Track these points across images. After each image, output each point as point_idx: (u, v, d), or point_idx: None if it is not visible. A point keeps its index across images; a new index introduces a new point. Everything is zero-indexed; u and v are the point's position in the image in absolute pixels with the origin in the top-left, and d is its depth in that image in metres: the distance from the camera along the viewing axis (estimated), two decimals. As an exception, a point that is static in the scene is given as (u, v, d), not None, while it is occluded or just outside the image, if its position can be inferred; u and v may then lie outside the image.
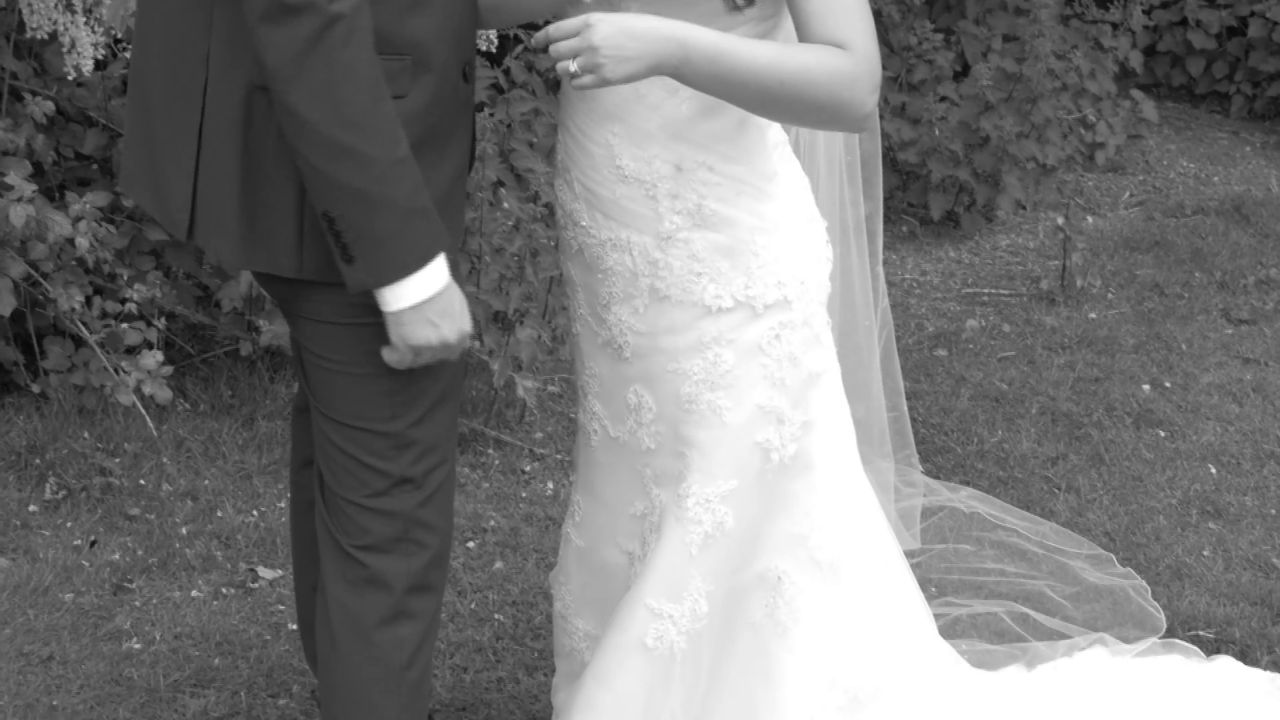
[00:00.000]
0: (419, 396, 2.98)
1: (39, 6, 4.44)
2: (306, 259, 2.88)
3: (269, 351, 5.49)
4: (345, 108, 2.71)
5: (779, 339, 3.13)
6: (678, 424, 3.19)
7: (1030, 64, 7.47)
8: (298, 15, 2.66)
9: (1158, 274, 6.83)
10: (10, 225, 4.78)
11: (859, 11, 2.92)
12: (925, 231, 7.34)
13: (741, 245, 3.09)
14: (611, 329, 3.21)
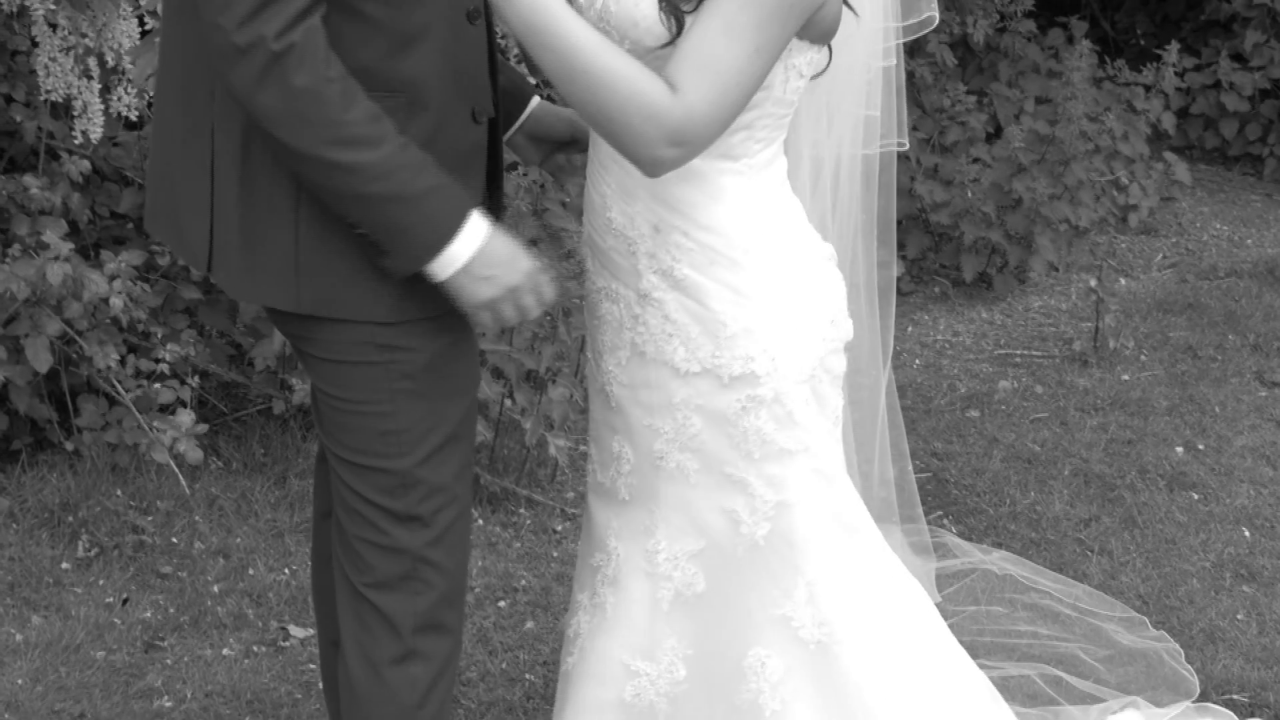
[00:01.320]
0: (426, 435, 3.00)
1: (55, 69, 4.47)
2: (303, 293, 2.91)
3: (302, 410, 5.50)
4: (320, 128, 2.75)
5: (745, 412, 3.08)
6: (650, 478, 3.18)
7: (1063, 126, 7.47)
8: (248, 54, 2.70)
9: (1191, 336, 6.81)
10: (47, 284, 4.81)
11: (716, 73, 2.84)
12: (957, 293, 7.33)
13: (710, 314, 3.06)
14: (603, 376, 3.23)
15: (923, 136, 7.67)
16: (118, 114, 4.76)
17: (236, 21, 2.68)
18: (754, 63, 2.87)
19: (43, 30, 4.39)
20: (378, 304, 2.92)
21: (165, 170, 3.03)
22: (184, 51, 2.93)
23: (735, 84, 2.86)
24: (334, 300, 2.90)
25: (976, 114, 7.78)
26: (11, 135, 5.62)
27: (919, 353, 6.74)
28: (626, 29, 2.94)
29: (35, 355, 4.92)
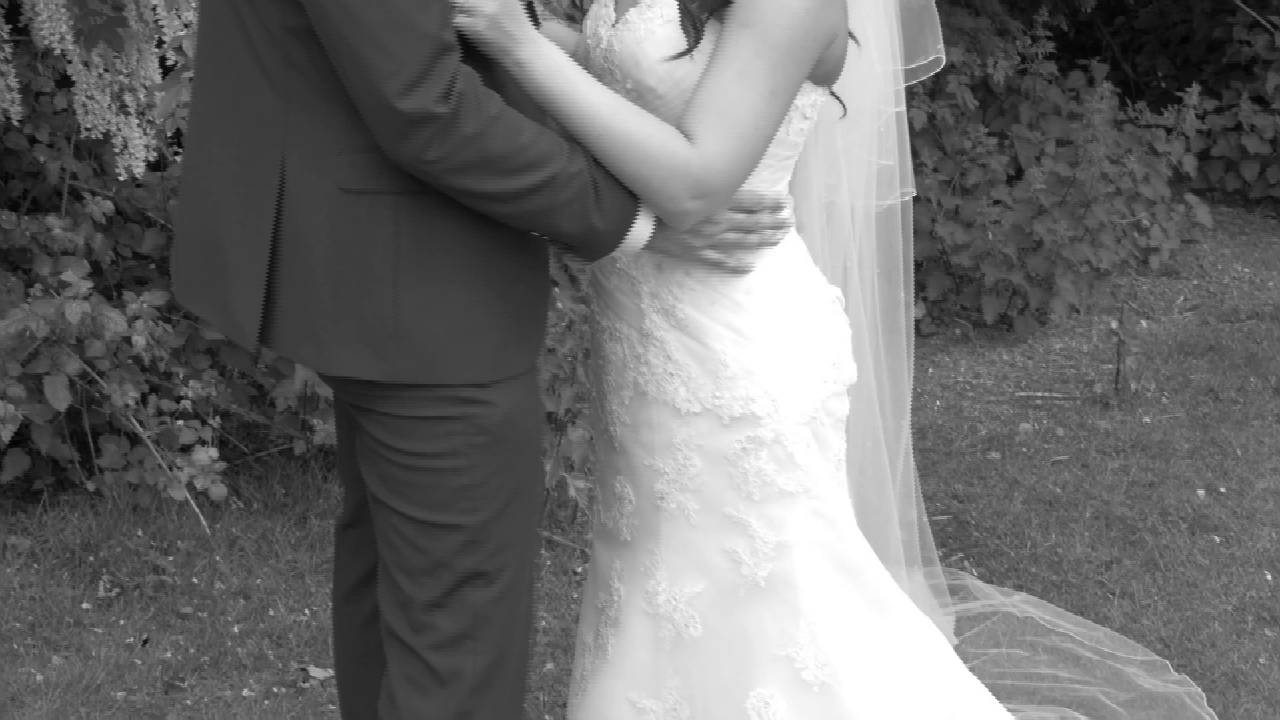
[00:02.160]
0: (499, 490, 2.95)
1: (93, 107, 4.49)
2: (399, 363, 2.85)
3: (322, 450, 5.50)
4: (499, 162, 2.75)
5: (746, 453, 3.07)
6: (650, 519, 3.18)
7: (1084, 168, 7.48)
8: (420, 123, 2.68)
9: (1212, 379, 6.80)
10: (66, 323, 4.82)
11: (733, 120, 2.86)
12: (978, 334, 7.33)
13: (711, 354, 3.05)
14: (606, 417, 3.23)
15: (944, 178, 7.68)
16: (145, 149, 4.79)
17: (401, 93, 2.65)
18: (770, 106, 2.88)
19: (77, 69, 4.41)
20: (475, 364, 2.89)
21: (204, 242, 2.95)
22: (241, 120, 2.86)
23: (753, 129, 2.87)
24: (431, 366, 2.86)
25: (997, 156, 7.79)
26: (35, 176, 5.64)
27: (940, 395, 6.73)
28: (629, 68, 2.96)
29: (54, 394, 4.93)
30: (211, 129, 2.93)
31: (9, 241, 5.34)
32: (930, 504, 5.55)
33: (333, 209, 2.80)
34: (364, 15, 2.63)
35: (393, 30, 2.64)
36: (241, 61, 2.81)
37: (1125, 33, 10.20)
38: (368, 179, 2.78)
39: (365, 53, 2.64)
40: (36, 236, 5.31)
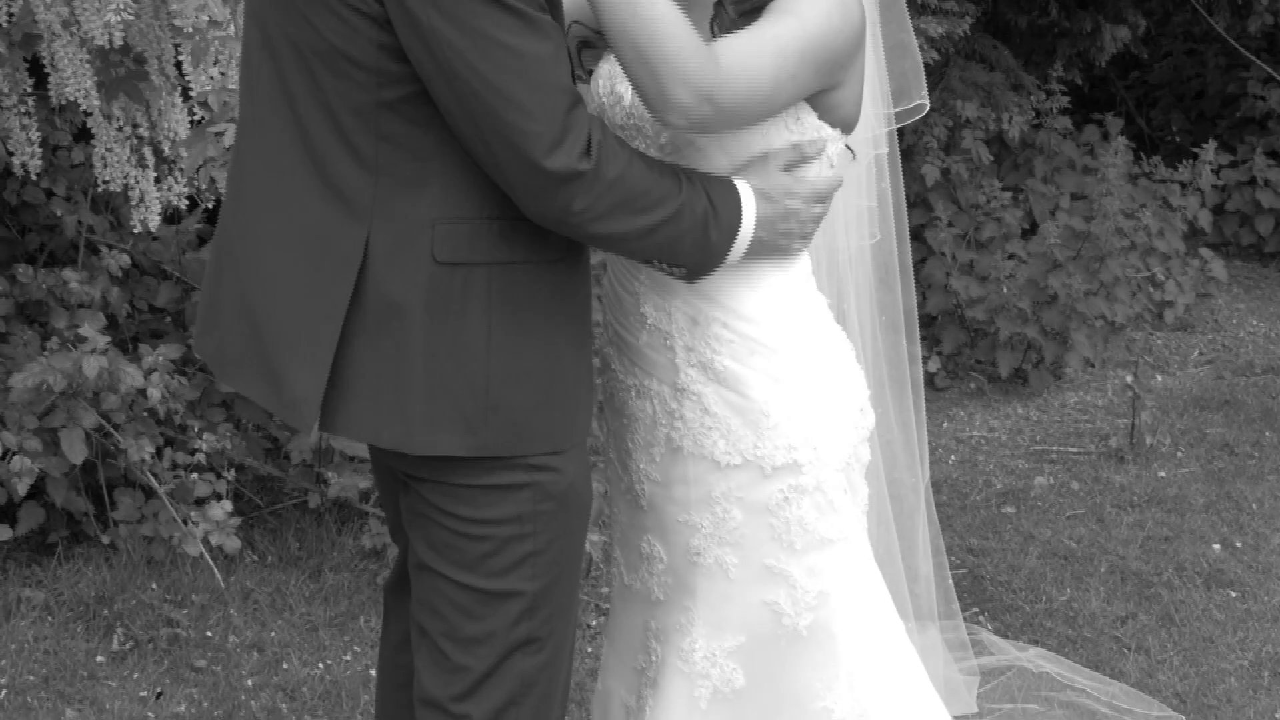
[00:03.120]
0: (559, 556, 2.94)
1: (112, 160, 4.51)
2: (488, 437, 2.82)
3: (337, 504, 5.51)
4: (637, 201, 2.78)
5: (788, 502, 3.07)
6: (685, 576, 3.16)
7: (1098, 222, 7.49)
8: (572, 181, 2.69)
9: (1228, 433, 6.79)
10: (83, 376, 4.84)
11: (757, 68, 2.83)
12: (993, 389, 7.33)
13: (752, 404, 3.05)
14: (631, 476, 3.21)
15: (958, 232, 7.69)
16: (168, 204, 4.80)
17: (547, 152, 2.65)
18: (788, 85, 2.89)
19: (98, 121, 4.44)
20: (556, 432, 2.88)
21: (257, 316, 2.88)
22: (313, 196, 2.80)
23: (767, 86, 2.86)
24: (518, 438, 2.84)
25: (1012, 210, 7.80)
26: (52, 230, 5.67)
27: (955, 449, 6.73)
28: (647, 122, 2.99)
29: (70, 447, 4.95)
30: (267, 203, 2.88)
31: (26, 295, 5.36)
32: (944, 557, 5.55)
33: (429, 283, 2.76)
34: (501, 78, 2.63)
35: (532, 91, 2.64)
36: (318, 135, 2.77)
37: (1140, 87, 10.22)
38: (462, 250, 2.76)
39: (510, 117, 2.64)
40: (53, 290, 5.34)
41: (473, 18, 2.60)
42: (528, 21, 2.62)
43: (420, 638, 3.00)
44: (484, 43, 2.61)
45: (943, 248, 7.53)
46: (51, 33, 4.15)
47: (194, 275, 5.65)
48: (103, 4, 3.95)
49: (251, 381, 2.92)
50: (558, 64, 2.67)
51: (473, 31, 2.60)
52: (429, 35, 2.62)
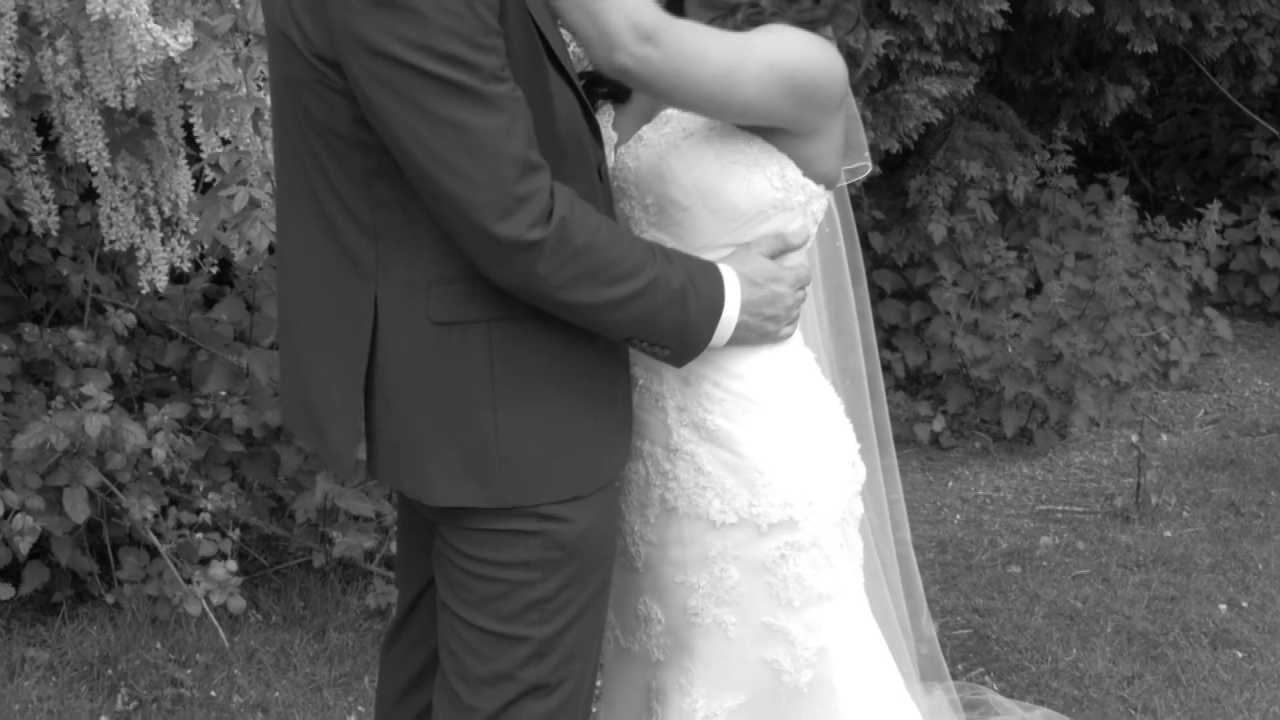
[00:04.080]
0: (569, 603, 2.94)
1: (117, 220, 4.52)
2: (501, 487, 2.85)
3: (342, 563, 5.50)
4: (603, 272, 2.78)
5: (785, 559, 3.06)
6: (684, 636, 3.15)
7: (1103, 282, 7.50)
8: (526, 250, 2.70)
9: (1233, 492, 6.78)
10: (87, 436, 4.84)
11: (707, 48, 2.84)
12: (998, 448, 7.32)
13: (746, 462, 3.05)
14: (625, 538, 3.20)
15: (963, 292, 7.70)
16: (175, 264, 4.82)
17: (496, 219, 2.67)
18: (744, 73, 2.88)
19: (104, 181, 4.45)
20: (570, 480, 2.89)
21: (304, 372, 2.97)
22: (330, 258, 2.87)
23: (724, 62, 2.86)
24: (533, 487, 2.86)
25: (1017, 269, 7.81)
26: (59, 289, 5.68)
27: (960, 508, 6.72)
28: (652, 183, 3.01)
29: (73, 506, 4.95)
30: (299, 265, 2.95)
31: (32, 354, 5.37)
32: (950, 618, 5.54)
33: (426, 342, 2.81)
34: (446, 150, 2.65)
35: (477, 163, 2.66)
36: (327, 202, 2.83)
37: (1144, 147, 10.25)
38: (458, 309, 2.80)
39: (457, 188, 2.67)
40: (59, 349, 5.34)
41: (415, 93, 2.64)
42: (474, 96, 2.64)
43: (440, 679, 3.03)
44: (427, 117, 2.64)
45: (947, 307, 7.54)
46: (63, 94, 4.17)
47: (200, 335, 5.66)
48: (117, 67, 3.97)
49: (306, 432, 3.01)
50: (509, 135, 2.67)
51: (415, 107, 2.64)
52: (379, 109, 2.66)
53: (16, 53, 4.11)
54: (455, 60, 2.63)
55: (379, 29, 2.62)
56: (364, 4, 2.63)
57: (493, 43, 2.68)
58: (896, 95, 7.27)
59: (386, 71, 2.63)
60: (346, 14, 2.64)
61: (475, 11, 2.65)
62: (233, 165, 3.97)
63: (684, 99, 2.94)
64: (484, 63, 2.65)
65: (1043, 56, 8.59)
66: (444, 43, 2.62)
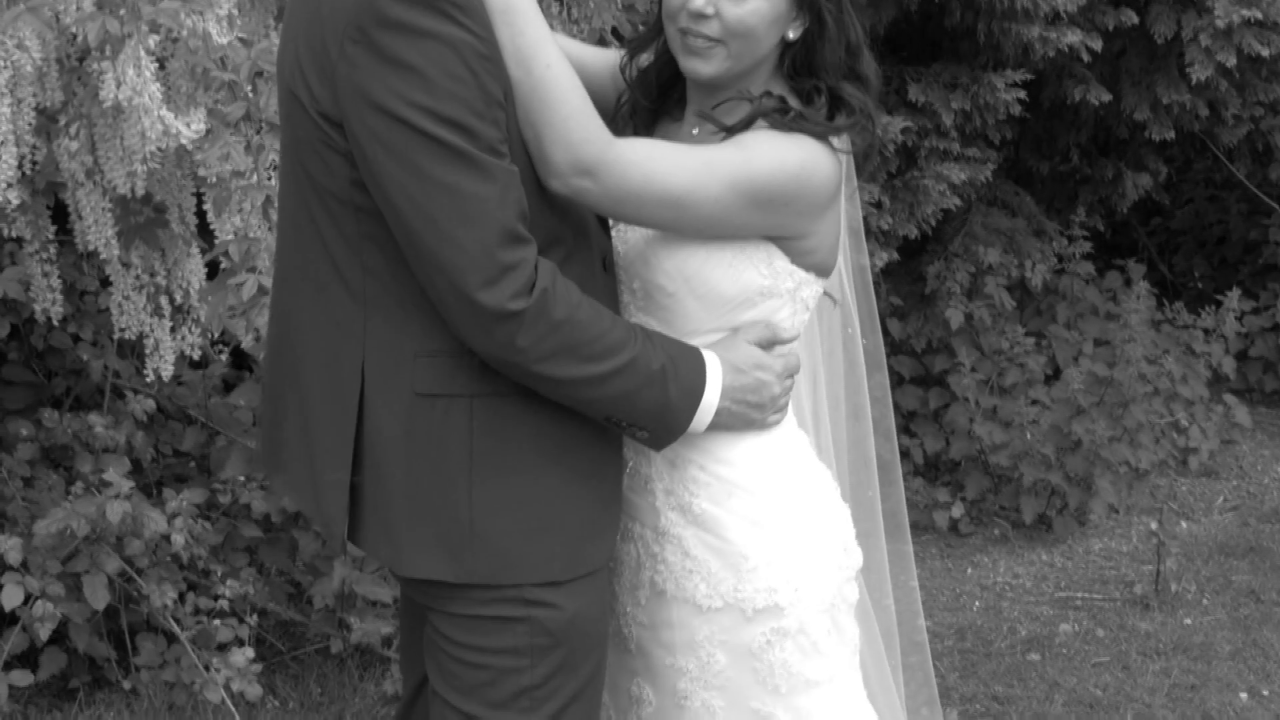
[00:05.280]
0: (559, 690, 2.93)
1: (129, 308, 4.54)
2: (472, 564, 2.85)
3: (359, 649, 5.49)
4: (583, 348, 2.79)
5: (770, 645, 3.05)
6: (673, 718, 3.14)
7: (1121, 368, 7.49)
8: (508, 319, 2.72)
9: (1253, 580, 6.76)
10: (107, 521, 4.84)
11: (667, 170, 2.86)
12: (1017, 535, 7.31)
13: (731, 547, 3.05)
14: (619, 619, 3.20)
15: (981, 378, 7.70)
16: (182, 353, 4.83)
17: (481, 286, 2.68)
18: (699, 198, 2.90)
19: (116, 269, 4.48)
20: (551, 562, 2.89)
21: (293, 441, 2.98)
22: (324, 325, 2.89)
23: (676, 191, 2.88)
24: (505, 566, 2.86)
25: (1035, 356, 7.81)
26: (78, 374, 5.70)
27: (979, 595, 6.70)
28: (638, 269, 3.03)
29: (93, 592, 4.95)
30: (294, 333, 2.96)
31: (51, 439, 5.38)
32: (969, 705, 5.51)
33: (408, 413, 2.83)
34: (437, 212, 2.68)
35: (466, 228, 2.68)
36: (321, 268, 2.86)
37: (1162, 233, 10.26)
38: (442, 382, 2.82)
39: (443, 251, 2.69)
40: (78, 434, 5.36)
41: (412, 153, 2.66)
42: (469, 161, 2.67)
43: None
44: (421, 178, 2.67)
45: (966, 393, 7.54)
46: (75, 181, 4.19)
47: (219, 420, 5.67)
48: (128, 154, 3.99)
49: (301, 496, 3.01)
50: (501, 205, 2.69)
51: (411, 166, 2.67)
52: (375, 168, 2.69)
53: (34, 140, 4.14)
54: (455, 124, 2.66)
55: (383, 86, 2.66)
56: (370, 60, 2.66)
57: (494, 115, 2.71)
58: (914, 181, 7.30)
59: (386, 129, 2.67)
60: (353, 70, 2.68)
61: (480, 82, 2.69)
62: (242, 253, 3.99)
63: (630, 222, 3.00)
64: (483, 132, 2.69)
65: (1060, 143, 8.62)
66: (446, 106, 2.66)
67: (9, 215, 4.41)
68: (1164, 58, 7.84)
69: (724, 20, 2.95)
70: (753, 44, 2.97)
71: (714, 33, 2.96)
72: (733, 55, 2.98)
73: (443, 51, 2.65)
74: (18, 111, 3.89)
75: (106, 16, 3.66)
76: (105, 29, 3.65)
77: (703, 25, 2.96)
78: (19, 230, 4.48)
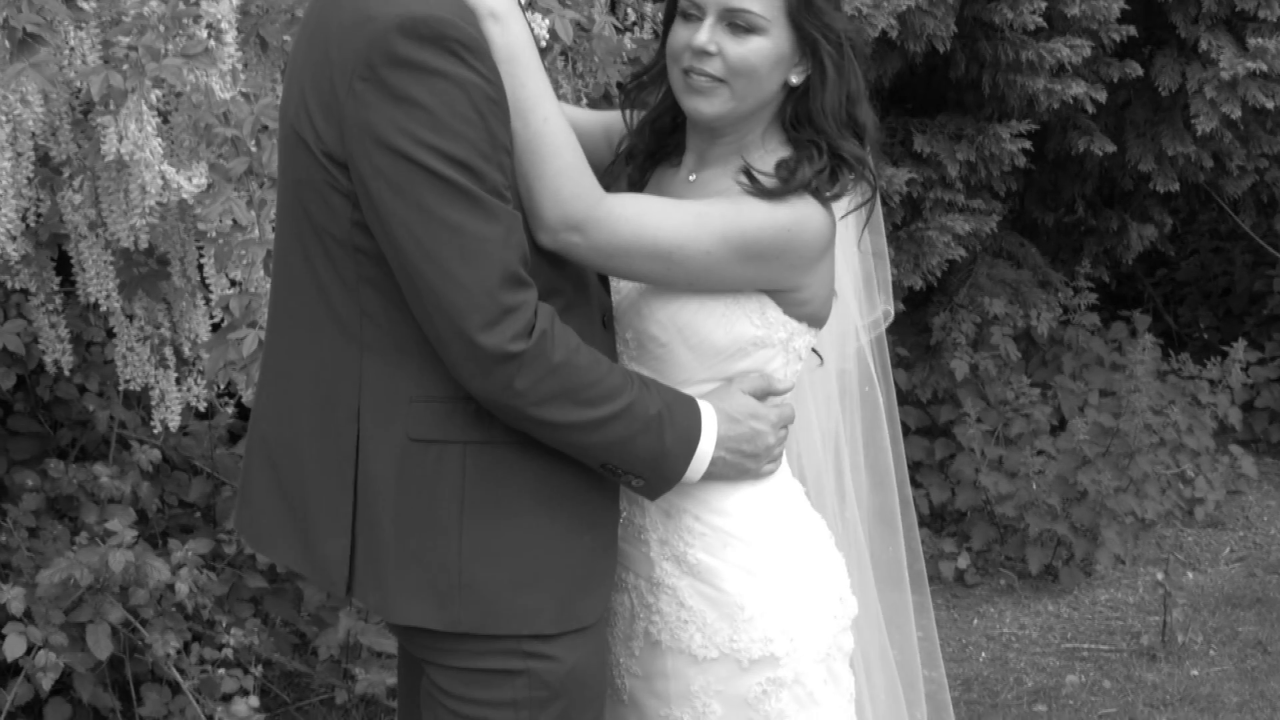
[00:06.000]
0: None
1: (133, 359, 4.56)
2: (460, 612, 2.85)
3: (364, 700, 5.48)
4: (580, 392, 2.79)
5: (766, 695, 3.05)
6: None
7: (1127, 419, 7.49)
8: (507, 361, 2.72)
9: (1260, 631, 6.74)
10: (110, 572, 4.85)
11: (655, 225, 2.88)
12: (1023, 585, 7.30)
13: (726, 597, 3.04)
14: (611, 670, 3.18)
15: (987, 428, 7.70)
16: (188, 404, 4.85)
17: (481, 328, 2.69)
18: (689, 252, 2.91)
19: (120, 321, 4.50)
20: (539, 615, 2.87)
21: (285, 491, 2.96)
22: (318, 370, 2.88)
23: (665, 246, 2.89)
24: (493, 616, 2.85)
25: (1040, 406, 7.81)
26: (84, 424, 5.71)
27: (985, 645, 6.69)
28: (630, 319, 3.05)
29: (96, 642, 4.94)
30: (288, 378, 2.96)
31: (57, 489, 5.39)
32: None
33: (401, 457, 2.82)
34: (440, 250, 2.68)
35: (470, 268, 2.68)
36: (316, 311, 2.86)
37: (1167, 284, 10.27)
38: (437, 428, 2.82)
39: (446, 291, 2.69)
40: (84, 484, 5.37)
41: (417, 190, 2.67)
42: (474, 201, 2.68)
43: None
44: (426, 217, 2.68)
45: (971, 443, 7.54)
46: (78, 233, 4.22)
47: (225, 470, 5.68)
48: (130, 207, 4.02)
49: (288, 551, 2.99)
50: (504, 246, 2.70)
51: (416, 205, 2.67)
52: (379, 205, 2.70)
53: (37, 193, 4.16)
54: (460, 164, 2.67)
55: (391, 123, 2.67)
56: (379, 98, 2.67)
57: (500, 159, 2.73)
58: (920, 232, 7.31)
59: (392, 166, 2.67)
60: (361, 107, 2.69)
61: (488, 125, 2.70)
62: (243, 308, 4.00)
63: (620, 276, 3.02)
64: (488, 174, 2.70)
65: (1065, 194, 8.64)
66: (452, 146, 2.67)
67: (12, 267, 4.44)
68: (1169, 110, 7.86)
69: (727, 59, 2.97)
70: (755, 84, 2.99)
71: (717, 71, 2.97)
72: (736, 95, 3.00)
73: (452, 92, 2.67)
74: (18, 165, 3.91)
75: (110, 71, 3.69)
76: (108, 83, 3.67)
77: (706, 63, 2.98)
78: (22, 282, 4.50)
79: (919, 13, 6.64)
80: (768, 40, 2.97)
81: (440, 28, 2.67)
